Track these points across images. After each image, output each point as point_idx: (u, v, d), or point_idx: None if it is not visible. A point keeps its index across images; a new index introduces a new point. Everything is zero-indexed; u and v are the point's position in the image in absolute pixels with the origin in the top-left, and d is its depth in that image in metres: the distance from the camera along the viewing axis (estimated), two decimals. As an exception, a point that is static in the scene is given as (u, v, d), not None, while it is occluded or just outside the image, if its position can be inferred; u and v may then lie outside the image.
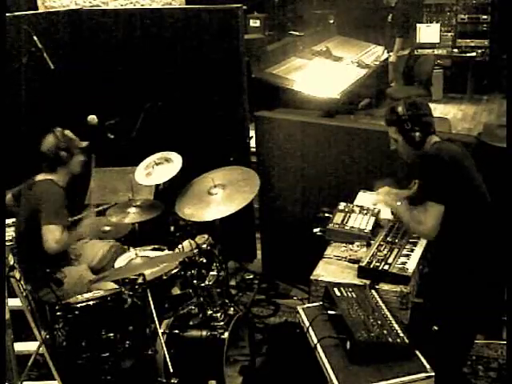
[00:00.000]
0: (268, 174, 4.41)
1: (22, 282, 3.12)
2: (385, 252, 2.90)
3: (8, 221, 3.60)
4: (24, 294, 3.14)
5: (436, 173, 2.74)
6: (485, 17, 9.47)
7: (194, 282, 3.31)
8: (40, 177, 3.52)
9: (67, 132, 3.55)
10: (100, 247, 3.80)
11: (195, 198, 3.64)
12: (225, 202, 3.53)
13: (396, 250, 2.91)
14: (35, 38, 4.02)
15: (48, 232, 3.30)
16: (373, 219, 3.24)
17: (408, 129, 2.83)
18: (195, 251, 3.41)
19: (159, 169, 3.79)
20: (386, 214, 3.27)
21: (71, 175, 3.59)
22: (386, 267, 2.78)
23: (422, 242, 2.99)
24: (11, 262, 3.08)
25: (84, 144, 3.61)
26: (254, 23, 7.77)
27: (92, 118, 4.25)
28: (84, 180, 4.19)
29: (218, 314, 3.27)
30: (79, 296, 3.19)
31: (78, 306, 3.05)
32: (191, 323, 3.31)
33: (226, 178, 3.69)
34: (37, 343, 3.18)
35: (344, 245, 3.12)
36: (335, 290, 2.68)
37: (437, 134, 2.92)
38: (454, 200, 2.72)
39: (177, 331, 3.24)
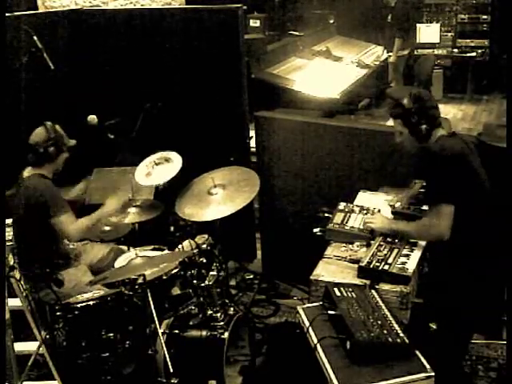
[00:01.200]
0: (268, 174, 4.41)
1: (21, 282, 3.11)
2: (385, 252, 2.89)
3: (8, 221, 3.59)
4: (24, 294, 3.14)
5: (442, 173, 2.72)
6: (485, 17, 9.49)
7: (194, 282, 3.31)
8: (27, 173, 3.46)
9: (58, 127, 3.51)
10: (100, 249, 3.80)
11: (195, 198, 3.63)
12: (225, 202, 3.53)
13: (396, 250, 2.91)
14: (35, 37, 4.00)
15: (61, 224, 3.31)
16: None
17: (414, 122, 2.81)
18: (195, 251, 3.41)
19: (159, 169, 3.79)
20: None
21: (56, 172, 3.52)
22: (386, 267, 2.78)
23: (422, 242, 2.99)
24: (11, 262, 3.08)
25: (72, 142, 3.57)
26: (254, 23, 7.76)
27: (92, 118, 4.25)
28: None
29: (218, 314, 3.27)
30: (79, 296, 3.20)
31: (78, 305, 3.05)
32: (191, 323, 3.31)
33: (225, 178, 3.69)
34: (37, 343, 3.17)
35: (344, 245, 3.11)
36: (335, 290, 2.67)
37: (443, 127, 2.89)
38: (459, 197, 2.72)
39: (177, 331, 3.24)
